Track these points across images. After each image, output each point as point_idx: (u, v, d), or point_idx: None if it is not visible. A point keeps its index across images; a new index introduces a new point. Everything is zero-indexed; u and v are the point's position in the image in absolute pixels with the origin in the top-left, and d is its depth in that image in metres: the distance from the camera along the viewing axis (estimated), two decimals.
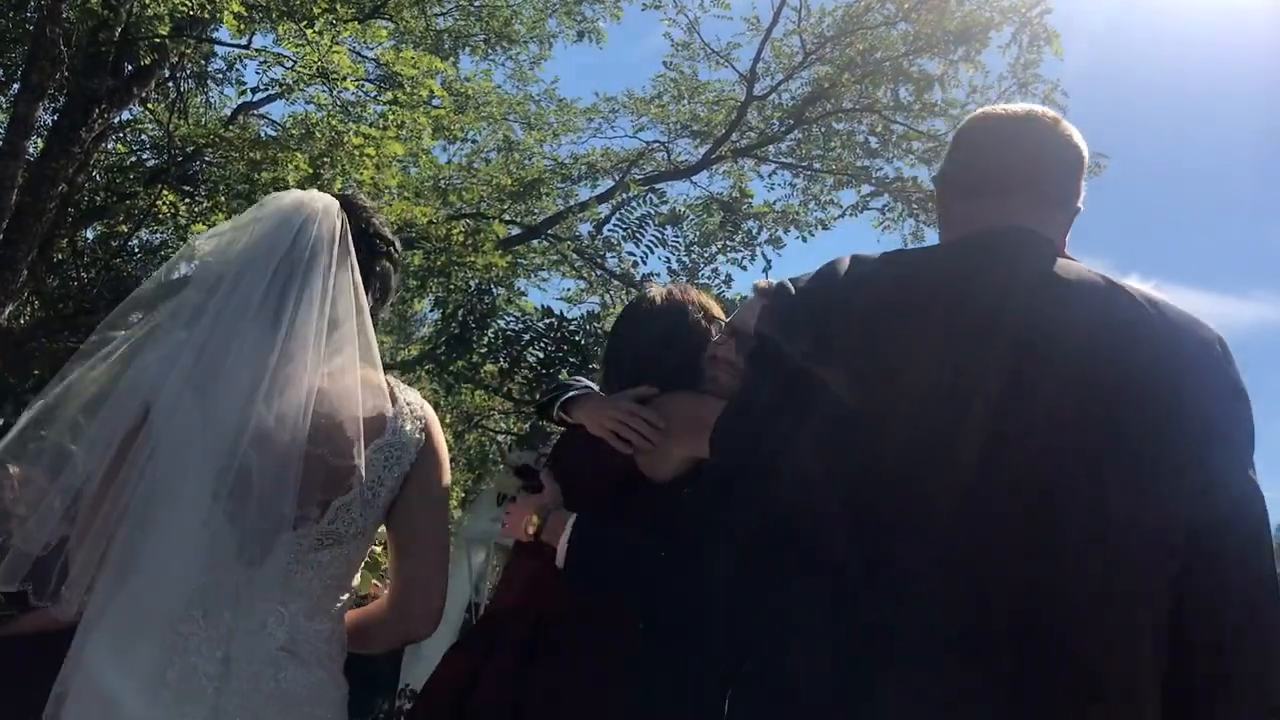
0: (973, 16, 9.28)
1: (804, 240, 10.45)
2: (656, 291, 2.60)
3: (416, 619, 2.00)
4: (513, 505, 2.40)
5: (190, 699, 1.66)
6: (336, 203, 1.93)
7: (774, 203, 10.48)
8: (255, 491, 1.71)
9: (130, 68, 8.74)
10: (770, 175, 10.85)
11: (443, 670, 2.33)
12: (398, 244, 2.07)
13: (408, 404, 1.93)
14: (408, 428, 1.92)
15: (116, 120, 9.39)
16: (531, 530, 2.28)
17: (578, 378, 2.54)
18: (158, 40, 7.75)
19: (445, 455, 2.01)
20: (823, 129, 10.50)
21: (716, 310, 2.57)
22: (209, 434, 1.71)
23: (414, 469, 1.92)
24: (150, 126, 10.31)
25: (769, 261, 9.93)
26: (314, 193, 1.96)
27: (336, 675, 1.85)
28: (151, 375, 1.76)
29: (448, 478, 2.00)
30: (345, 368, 1.82)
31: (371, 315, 1.92)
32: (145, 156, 10.31)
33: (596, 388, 2.48)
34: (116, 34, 7.90)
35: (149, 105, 9.96)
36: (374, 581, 2.44)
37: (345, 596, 1.91)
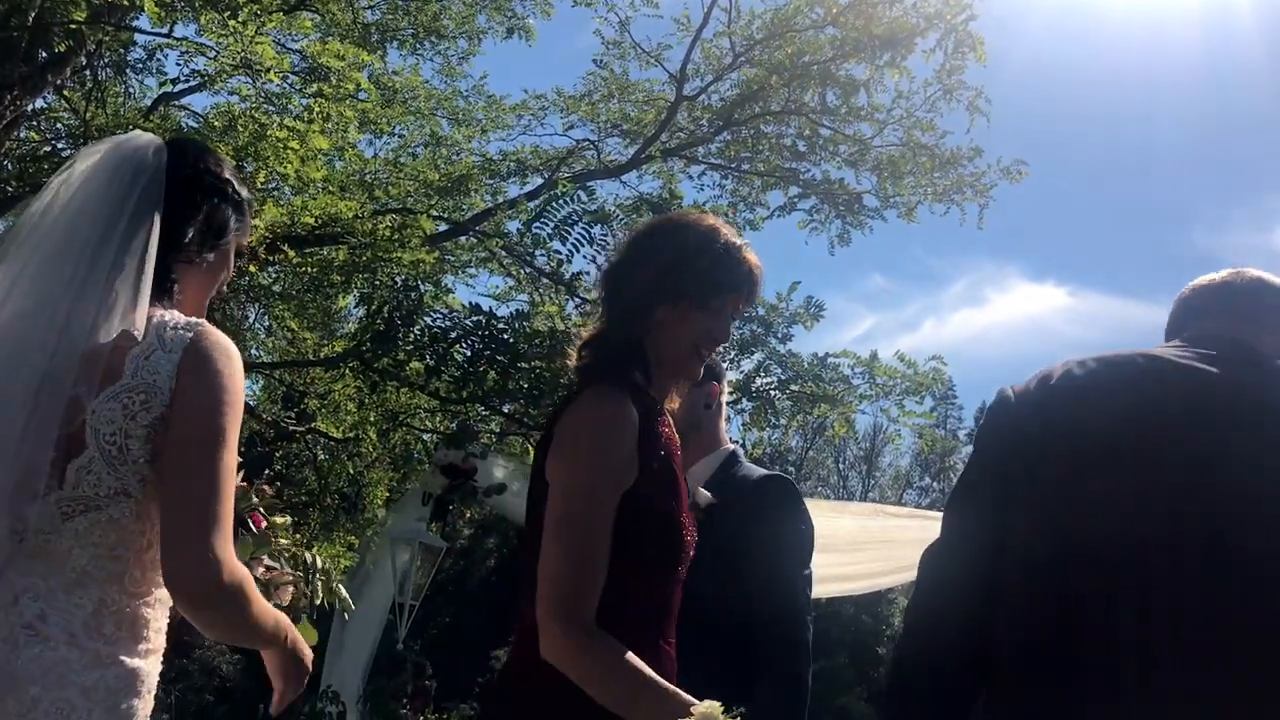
0: (899, 22, 9.39)
1: None
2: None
3: (174, 590, 1.72)
4: None
5: None
6: (152, 145, 1.90)
7: (703, 203, 10.53)
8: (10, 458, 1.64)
9: (44, 54, 8.50)
10: (700, 176, 10.91)
11: None
12: (235, 186, 1.99)
13: (162, 338, 1.73)
14: (159, 366, 1.71)
15: (30, 108, 9.13)
16: None
17: None
18: (74, 26, 7.54)
19: (217, 391, 1.73)
20: (751, 131, 10.57)
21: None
22: None
23: (172, 410, 1.70)
24: (66, 115, 10.04)
25: None
26: (134, 134, 1.94)
27: (97, 654, 1.67)
28: None
29: (218, 418, 1.71)
30: (100, 315, 1.71)
31: (192, 256, 1.91)
32: (60, 146, 10.03)
33: None
34: (30, 19, 7.68)
35: (65, 93, 9.70)
36: (260, 557, 2.11)
37: (136, 570, 1.74)
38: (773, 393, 8.84)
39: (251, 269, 7.85)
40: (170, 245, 1.85)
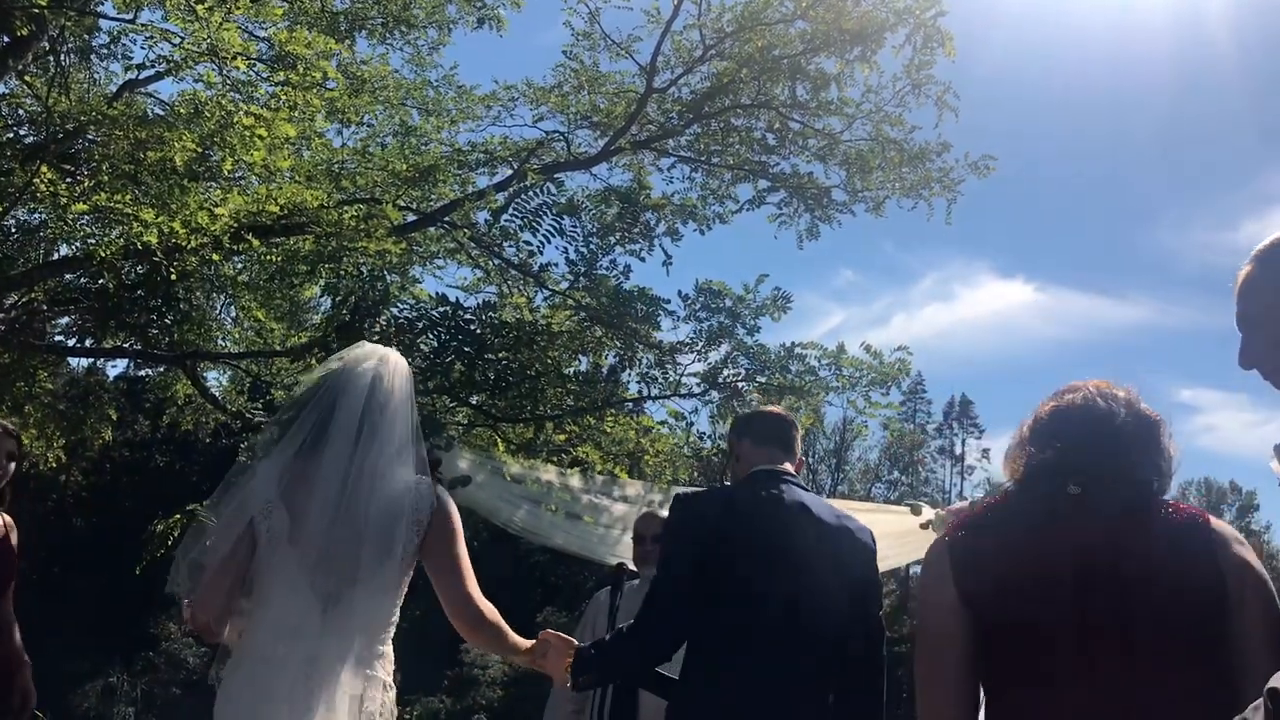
0: (869, 17, 9.42)
1: (701, 233, 10.54)
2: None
3: (463, 621, 2.96)
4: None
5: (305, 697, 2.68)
6: (402, 358, 3.04)
7: (672, 195, 10.53)
8: (349, 566, 2.78)
9: (6, 38, 8.37)
10: (669, 169, 10.89)
11: None
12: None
13: (422, 490, 2.90)
14: (423, 507, 2.89)
15: None
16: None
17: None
18: (36, 10, 7.44)
19: (452, 528, 2.94)
20: (721, 124, 10.57)
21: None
22: (299, 532, 2.76)
23: (426, 536, 2.89)
24: (28, 100, 9.89)
25: (668, 255, 9.98)
26: (384, 349, 3.05)
27: (384, 682, 2.79)
28: (254, 492, 2.83)
29: (456, 545, 2.93)
30: (396, 470, 2.88)
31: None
32: (22, 132, 9.89)
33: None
34: None
35: (26, 78, 9.57)
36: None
37: (392, 628, 2.87)
38: (740, 384, 8.87)
39: (215, 258, 7.77)
40: None
